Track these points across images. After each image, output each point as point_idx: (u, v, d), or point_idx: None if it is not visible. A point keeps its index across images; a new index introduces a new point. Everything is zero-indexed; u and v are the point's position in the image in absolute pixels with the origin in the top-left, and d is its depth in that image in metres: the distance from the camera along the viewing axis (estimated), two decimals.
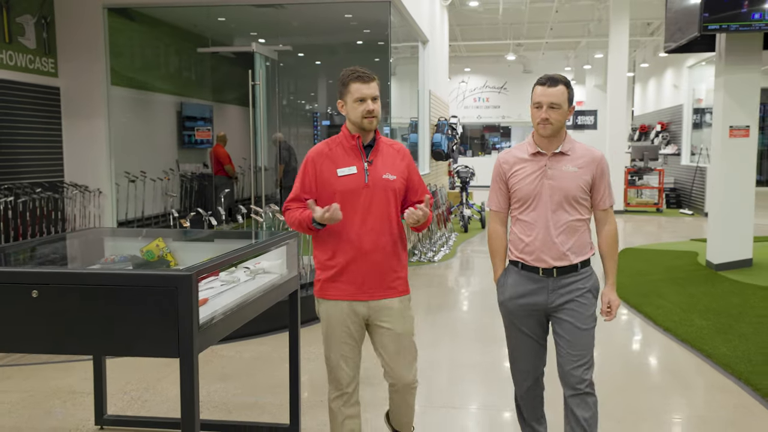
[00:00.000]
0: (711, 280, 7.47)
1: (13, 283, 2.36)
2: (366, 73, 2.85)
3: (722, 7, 7.07)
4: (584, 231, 2.92)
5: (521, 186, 2.91)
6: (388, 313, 2.87)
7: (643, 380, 4.63)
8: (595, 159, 2.91)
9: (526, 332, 2.96)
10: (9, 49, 7.61)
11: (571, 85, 2.94)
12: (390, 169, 2.89)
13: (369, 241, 2.82)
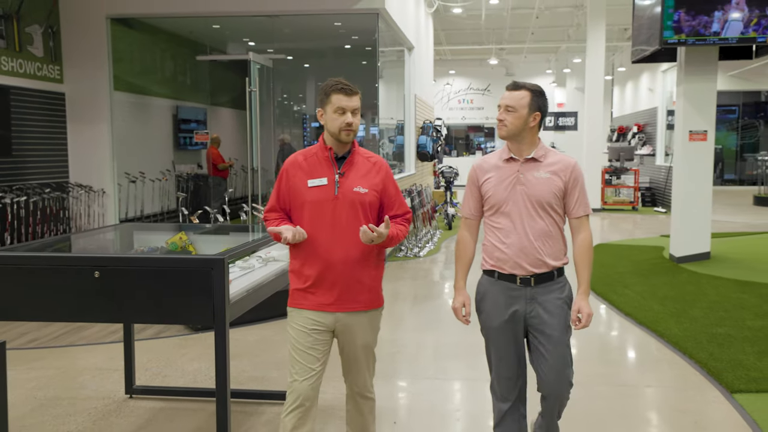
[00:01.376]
0: (672, 271, 8.13)
1: (79, 266, 2.93)
2: (349, 85, 2.85)
3: (680, 23, 7.72)
4: (558, 238, 2.93)
5: (494, 192, 2.93)
6: (354, 324, 2.88)
7: (603, 355, 5.27)
8: (568, 165, 2.92)
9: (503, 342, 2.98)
10: (19, 57, 8.14)
11: (541, 95, 2.94)
12: (362, 182, 2.87)
13: (337, 253, 2.81)
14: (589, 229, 2.97)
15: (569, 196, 2.93)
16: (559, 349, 2.90)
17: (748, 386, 4.46)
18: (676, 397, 4.41)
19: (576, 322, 2.90)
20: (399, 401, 4.34)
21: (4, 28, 7.85)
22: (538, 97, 2.92)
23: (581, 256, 2.94)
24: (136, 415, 3.99)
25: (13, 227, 7.55)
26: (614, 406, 4.24)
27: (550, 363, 2.90)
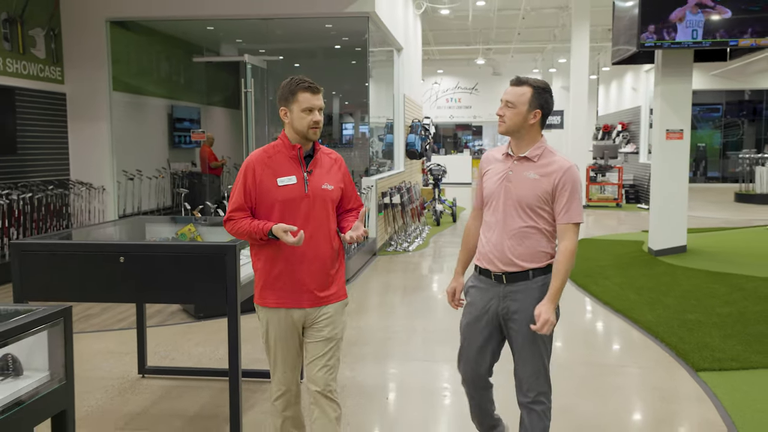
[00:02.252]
0: (649, 264, 8.53)
1: (105, 252, 3.27)
2: (314, 83, 2.86)
3: (655, 28, 8.12)
4: (539, 239, 2.85)
5: (488, 185, 2.94)
6: (322, 318, 2.89)
7: (582, 340, 5.65)
8: (560, 169, 2.80)
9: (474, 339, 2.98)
10: (23, 59, 8.43)
11: (544, 92, 2.85)
12: (328, 179, 2.91)
13: (308, 249, 2.82)
14: (574, 238, 2.81)
15: (556, 201, 2.81)
16: (528, 348, 2.85)
17: (712, 365, 4.84)
18: (647, 376, 4.80)
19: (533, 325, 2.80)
20: (390, 380, 4.69)
21: (8, 31, 8.16)
22: (541, 93, 2.82)
23: (557, 264, 2.81)
24: (149, 392, 4.33)
25: (19, 222, 7.85)
26: (590, 383, 4.62)
27: (518, 362, 2.90)
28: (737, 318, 5.95)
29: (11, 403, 1.80)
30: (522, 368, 2.89)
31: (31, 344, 1.93)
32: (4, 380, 1.87)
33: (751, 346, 5.20)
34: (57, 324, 1.98)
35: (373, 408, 4.18)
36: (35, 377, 1.94)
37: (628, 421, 4.01)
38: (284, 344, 2.90)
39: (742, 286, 7.06)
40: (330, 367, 2.90)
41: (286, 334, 2.89)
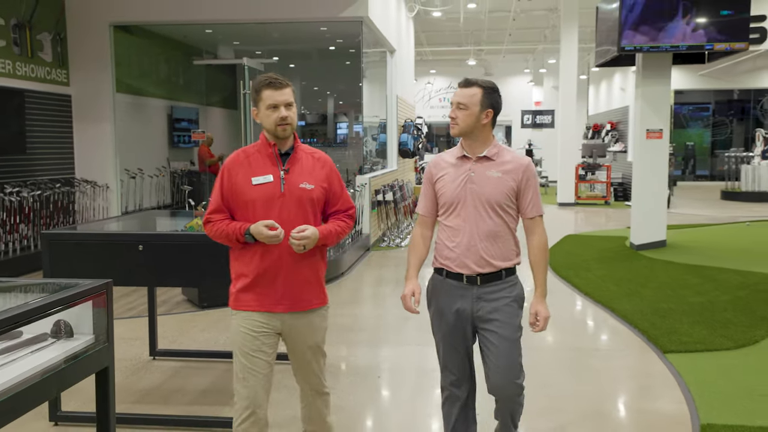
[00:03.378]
0: (630, 257, 8.94)
1: (126, 242, 3.66)
2: (278, 79, 2.77)
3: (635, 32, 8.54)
4: (509, 238, 2.88)
5: (446, 190, 2.90)
6: (302, 325, 2.82)
7: (561, 327, 6.05)
8: (521, 165, 2.86)
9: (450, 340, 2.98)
10: (31, 62, 8.80)
11: (493, 91, 2.89)
12: (308, 177, 2.81)
13: (284, 252, 2.73)
14: (543, 229, 2.91)
15: (522, 196, 2.87)
16: (505, 348, 2.86)
17: (679, 347, 5.25)
18: (618, 357, 5.21)
19: (534, 325, 2.89)
20: (382, 362, 5.08)
21: (18, 36, 8.53)
22: (490, 94, 2.86)
23: (536, 257, 2.89)
24: (160, 371, 4.72)
25: (29, 218, 8.23)
26: (565, 364, 5.03)
27: (496, 363, 2.88)
28: (706, 306, 6.36)
29: (68, 357, 2.19)
30: (502, 364, 2.87)
31: (79, 312, 2.31)
32: (57, 341, 2.26)
33: (716, 330, 5.61)
34: (100, 295, 2.37)
35: (366, 385, 4.57)
36: (83, 339, 2.32)
37: (597, 395, 4.41)
38: (257, 352, 2.76)
39: (715, 277, 7.47)
40: (319, 371, 2.91)
41: (261, 342, 2.76)
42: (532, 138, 25.99)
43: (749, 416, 3.93)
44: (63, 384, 2.16)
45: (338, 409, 4.10)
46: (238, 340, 2.78)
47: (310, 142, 15.43)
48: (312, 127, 16.31)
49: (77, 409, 3.98)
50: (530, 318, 2.90)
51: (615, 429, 3.85)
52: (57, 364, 2.16)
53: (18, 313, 2.03)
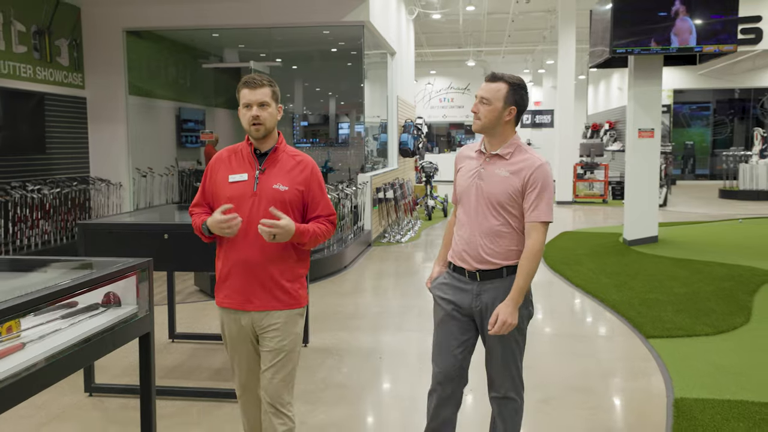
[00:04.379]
0: (623, 252, 9.32)
1: (153, 231, 4.05)
2: (256, 79, 2.78)
3: (626, 35, 8.93)
4: (512, 237, 2.80)
5: (459, 183, 2.91)
6: (270, 325, 2.79)
7: (551, 315, 6.44)
8: (530, 166, 2.75)
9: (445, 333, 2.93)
10: (50, 67, 9.21)
11: (520, 88, 2.80)
12: (283, 179, 2.78)
13: (253, 250, 2.74)
14: (540, 238, 2.75)
15: (525, 198, 2.75)
16: (500, 346, 2.83)
17: (661, 333, 5.62)
18: (604, 341, 5.59)
19: (492, 324, 2.74)
20: (384, 345, 5.46)
21: (38, 42, 8.94)
22: (516, 90, 2.77)
23: (521, 262, 2.76)
24: (180, 352, 5.12)
25: (48, 214, 8.64)
26: (554, 348, 5.42)
27: (492, 361, 2.88)
28: (691, 296, 6.74)
29: (117, 323, 2.58)
30: (494, 365, 2.87)
31: (125, 285, 2.69)
32: (107, 309, 2.65)
33: (698, 318, 5.99)
34: (144, 270, 2.75)
35: (368, 365, 4.95)
36: (128, 308, 2.71)
37: (581, 373, 4.79)
38: (236, 346, 2.87)
39: (701, 270, 7.85)
40: (280, 379, 2.79)
41: (237, 336, 2.85)
42: (532, 138, 26.41)
43: (719, 391, 4.31)
44: (115, 344, 2.55)
45: (342, 386, 4.50)
46: (224, 334, 2.91)
47: (312, 142, 15.81)
48: (314, 127, 16.67)
49: (108, 382, 4.38)
50: (491, 318, 2.74)
51: (596, 401, 4.23)
52: (109, 327, 2.54)
53: (76, 284, 2.42)
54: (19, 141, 8.48)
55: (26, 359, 2.10)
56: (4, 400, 1.95)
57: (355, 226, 9.78)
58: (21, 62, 8.74)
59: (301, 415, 3.98)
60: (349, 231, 9.50)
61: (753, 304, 6.43)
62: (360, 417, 4.05)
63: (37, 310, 2.27)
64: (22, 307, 2.12)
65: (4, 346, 2.10)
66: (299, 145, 15.00)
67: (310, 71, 15.45)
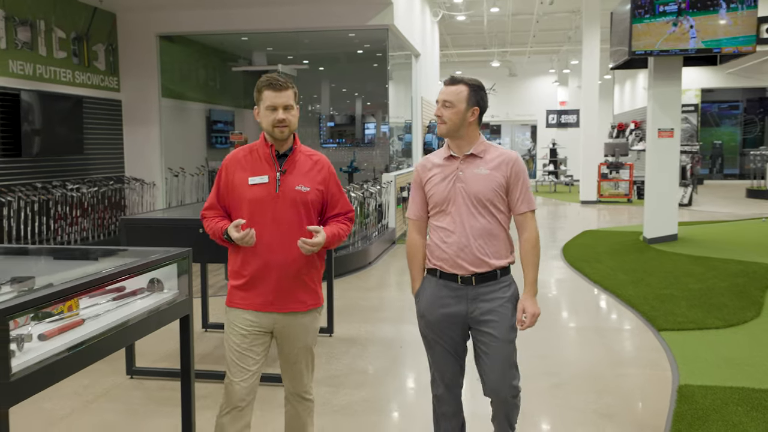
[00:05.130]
0: (642, 250, 9.49)
1: (189, 226, 4.37)
2: (279, 81, 2.76)
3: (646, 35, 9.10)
4: (503, 237, 2.85)
5: (435, 191, 2.86)
6: (293, 325, 2.82)
7: (568, 309, 6.67)
8: (509, 160, 2.83)
9: (444, 345, 2.91)
10: (88, 71, 9.65)
11: (479, 89, 2.86)
12: (304, 180, 2.80)
13: (278, 252, 2.74)
14: (535, 225, 2.87)
15: (511, 192, 2.83)
16: (500, 349, 2.82)
17: (673, 326, 5.82)
18: (616, 334, 5.82)
19: (521, 322, 2.82)
20: (405, 335, 5.73)
21: (77, 47, 9.38)
22: (476, 91, 2.84)
23: (526, 254, 2.85)
24: (212, 340, 5.46)
25: (86, 212, 9.07)
26: (567, 339, 5.66)
27: (490, 364, 2.84)
28: (705, 292, 6.91)
29: (162, 304, 2.90)
30: (497, 365, 2.83)
31: (167, 272, 3.00)
32: (152, 293, 2.96)
33: (710, 312, 6.17)
34: (184, 258, 3.06)
35: (389, 354, 5.24)
36: (170, 293, 3.01)
37: (591, 362, 5.02)
38: (247, 350, 2.81)
39: (717, 267, 8.00)
40: (306, 373, 2.92)
41: (251, 340, 2.80)
42: (557, 138, 26.48)
43: (723, 379, 4.52)
44: (159, 323, 2.86)
45: (364, 372, 4.79)
46: (230, 338, 2.83)
47: (338, 142, 16.11)
48: (340, 127, 16.98)
49: (148, 365, 4.73)
50: (518, 315, 2.83)
51: (602, 387, 4.47)
52: (153, 309, 2.85)
53: (125, 270, 2.74)
54: (59, 142, 8.92)
55: (86, 333, 2.42)
56: (70, 366, 2.27)
57: (380, 224, 10.06)
58: (61, 67, 9.18)
59: (325, 396, 4.29)
60: (374, 229, 9.78)
61: (765, 299, 6.58)
62: (381, 399, 4.32)
63: (93, 291, 2.59)
64: (81, 288, 2.43)
65: (67, 321, 2.42)
66: (326, 146, 15.32)
67: (336, 73, 15.75)
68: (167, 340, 5.38)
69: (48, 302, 2.25)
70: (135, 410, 4.14)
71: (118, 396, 4.35)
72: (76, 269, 2.87)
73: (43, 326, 2.33)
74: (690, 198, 16.25)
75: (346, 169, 13.65)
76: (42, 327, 2.32)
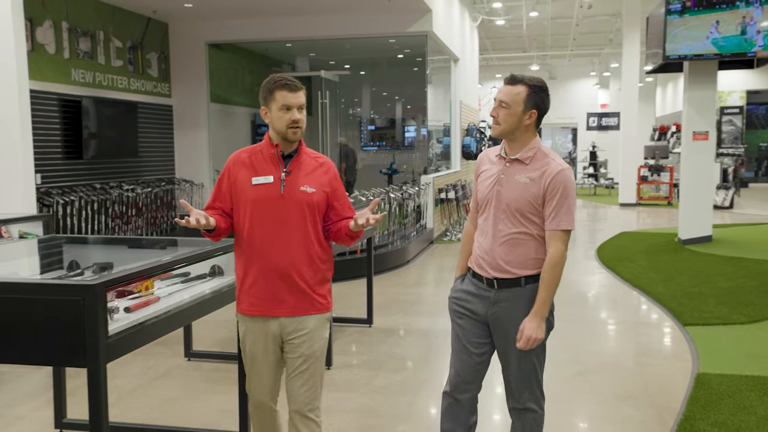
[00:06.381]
0: (676, 251, 9.66)
1: None
2: (293, 81, 2.71)
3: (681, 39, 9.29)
4: (532, 246, 2.70)
5: (480, 188, 2.82)
6: (300, 330, 2.73)
7: (597, 305, 6.93)
8: (550, 173, 2.65)
9: (461, 337, 2.84)
10: (142, 78, 10.23)
11: (540, 90, 2.69)
12: (309, 181, 2.74)
13: (282, 254, 2.68)
14: (561, 247, 2.66)
15: (546, 205, 2.66)
16: (518, 357, 2.73)
17: (698, 321, 6.04)
18: (642, 327, 6.07)
19: (518, 339, 2.66)
20: (441, 327, 6.05)
21: (132, 56, 9.96)
22: (537, 93, 2.68)
23: (543, 274, 2.67)
24: None
25: (141, 212, 9.64)
26: (593, 332, 5.94)
27: (508, 371, 2.78)
28: (733, 290, 7.10)
29: (222, 287, 3.31)
30: (512, 375, 2.77)
31: (227, 259, 3.40)
32: (214, 278, 3.38)
33: (736, 309, 6.37)
34: None
35: (425, 343, 5.59)
36: (230, 278, 3.42)
37: (615, 352, 5.30)
38: (258, 355, 2.77)
39: (748, 267, 8.16)
40: (310, 386, 2.75)
41: (261, 345, 2.76)
42: (598, 140, 26.46)
43: (740, 369, 4.75)
44: (221, 303, 3.26)
45: (401, 358, 5.15)
46: (245, 344, 2.81)
47: (379, 145, 16.49)
48: (381, 131, 17.37)
49: (204, 349, 5.17)
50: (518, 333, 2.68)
51: (624, 374, 4.75)
52: (216, 290, 3.26)
53: (190, 256, 3.15)
54: (116, 145, 9.49)
55: (160, 308, 2.83)
56: (149, 334, 2.68)
57: (418, 224, 10.41)
58: (118, 75, 9.76)
59: (365, 378, 4.68)
60: (412, 229, 10.14)
61: None
62: (416, 382, 4.67)
63: (165, 273, 3.01)
64: (156, 270, 2.85)
65: (144, 299, 2.84)
66: (366, 149, 15.72)
67: (376, 77, 16.14)
68: (219, 329, 5.83)
69: (131, 279, 2.67)
70: (193, 388, 4.57)
71: (177, 375, 4.79)
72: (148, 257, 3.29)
73: (125, 302, 2.75)
74: (731, 201, 16.22)
75: (385, 171, 14.04)
76: (125, 303, 2.74)
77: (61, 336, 2.36)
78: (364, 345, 5.48)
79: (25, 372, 4.86)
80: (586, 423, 4.06)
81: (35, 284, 2.55)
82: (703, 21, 9.23)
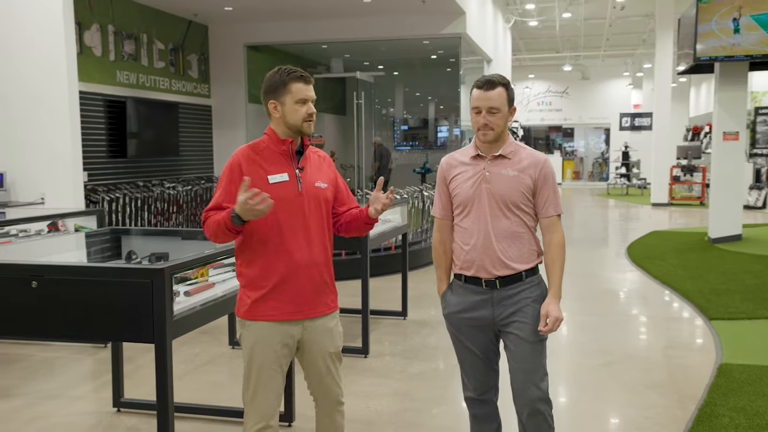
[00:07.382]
0: (705, 249, 9.74)
1: None
2: (306, 73, 2.63)
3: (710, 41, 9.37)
4: (528, 238, 2.76)
5: (460, 190, 2.77)
6: (322, 331, 2.68)
7: (624, 301, 7.08)
8: (537, 162, 2.75)
9: (472, 348, 2.82)
10: (183, 79, 10.61)
11: (511, 86, 2.76)
12: (320, 176, 2.70)
13: (305, 253, 2.59)
14: (561, 229, 2.78)
15: (539, 195, 2.75)
16: (525, 350, 2.72)
17: (723, 316, 6.17)
18: (668, 321, 6.23)
19: (542, 326, 2.69)
20: None
21: (173, 58, 10.35)
22: (510, 89, 2.75)
23: (552, 257, 2.76)
24: None
25: (181, 209, 10.02)
26: (620, 325, 6.11)
27: (515, 365, 2.75)
28: (760, 287, 7.20)
29: None
30: (524, 371, 2.74)
31: None
32: None
33: (762, 305, 6.49)
34: None
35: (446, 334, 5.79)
36: None
37: (641, 344, 5.46)
38: (274, 364, 2.61)
39: None
40: (339, 377, 2.78)
41: (276, 353, 2.61)
42: (631, 141, 26.35)
43: (763, 360, 4.90)
44: None
45: (434, 348, 5.39)
46: (255, 354, 2.60)
47: (412, 145, 16.72)
48: (414, 130, 17.58)
49: None
50: (541, 318, 2.70)
51: (648, 364, 4.93)
52: None
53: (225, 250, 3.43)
54: (158, 144, 9.87)
55: (215, 293, 3.12)
56: (206, 315, 2.97)
57: None
58: (160, 76, 10.15)
59: (401, 365, 4.94)
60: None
61: None
62: (448, 369, 4.90)
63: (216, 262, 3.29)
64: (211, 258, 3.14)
65: (201, 284, 3.12)
66: (399, 148, 15.96)
67: (410, 77, 16.35)
68: None
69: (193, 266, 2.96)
70: (238, 373, 4.84)
71: (223, 363, 5.08)
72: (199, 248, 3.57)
73: (184, 287, 3.03)
74: (764, 201, 16.14)
75: (419, 170, 14.26)
76: (184, 288, 3.02)
77: (132, 315, 2.64)
78: (399, 336, 5.73)
79: (77, 358, 5.20)
80: (613, 408, 4.25)
81: (109, 268, 2.86)
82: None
